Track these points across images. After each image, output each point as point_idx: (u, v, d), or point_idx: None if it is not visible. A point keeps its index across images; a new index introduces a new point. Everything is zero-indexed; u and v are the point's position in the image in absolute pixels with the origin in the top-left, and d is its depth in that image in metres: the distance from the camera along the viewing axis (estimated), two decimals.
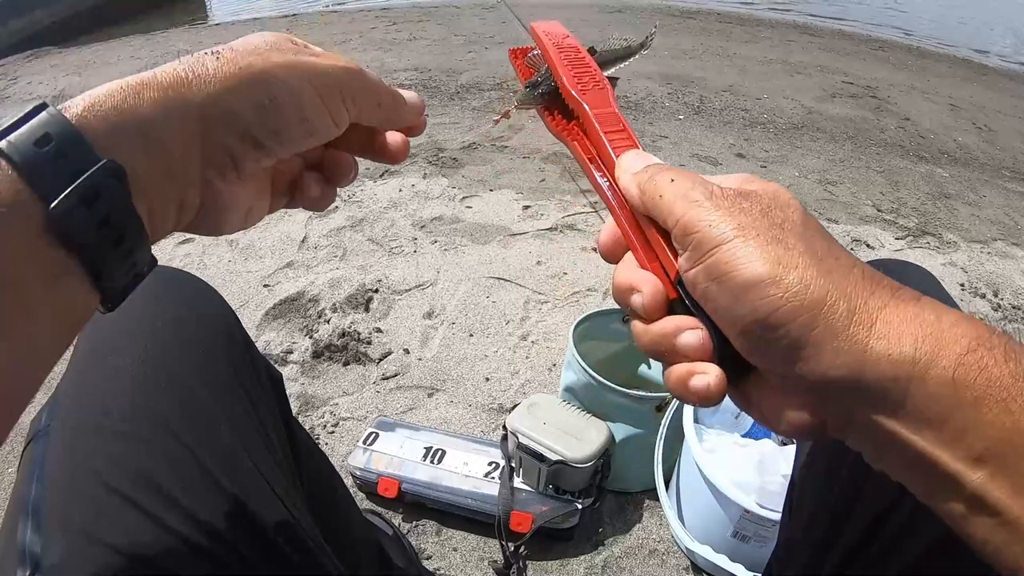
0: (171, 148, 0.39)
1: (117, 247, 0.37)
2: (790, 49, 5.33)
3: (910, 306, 0.36)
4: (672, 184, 0.42)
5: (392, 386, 1.78)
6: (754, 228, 0.38)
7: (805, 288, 0.36)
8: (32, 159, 0.33)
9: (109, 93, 0.37)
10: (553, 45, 0.60)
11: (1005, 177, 3.29)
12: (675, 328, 0.41)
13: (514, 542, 1.31)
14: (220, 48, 0.42)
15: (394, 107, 0.54)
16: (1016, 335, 1.92)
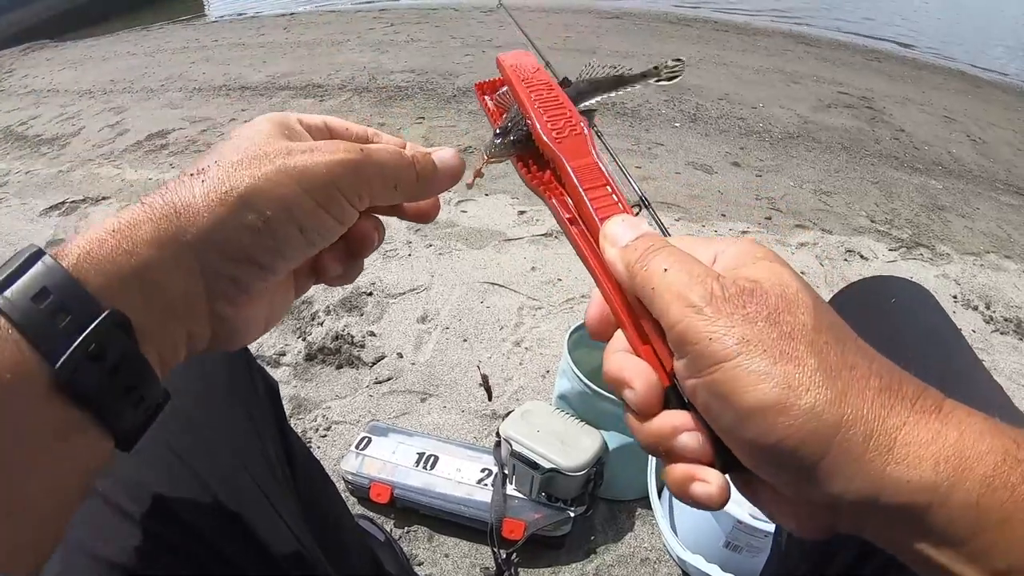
0: (173, 288, 0.38)
1: (128, 395, 0.36)
2: (787, 58, 5.35)
3: (932, 422, 0.33)
4: (666, 276, 0.38)
5: (385, 390, 1.77)
6: (760, 343, 0.35)
7: (818, 415, 0.33)
8: (32, 316, 0.32)
9: (102, 238, 0.36)
10: (522, 82, 0.55)
11: (998, 189, 3.31)
12: (672, 429, 0.39)
13: (506, 549, 1.31)
14: (205, 164, 0.40)
15: (416, 185, 0.48)
16: (1008, 347, 1.93)
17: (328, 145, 0.43)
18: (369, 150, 0.44)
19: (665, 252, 0.40)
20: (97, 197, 2.92)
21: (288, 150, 0.41)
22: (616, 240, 0.42)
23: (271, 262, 0.42)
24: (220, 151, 0.41)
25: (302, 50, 5.31)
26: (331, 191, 0.42)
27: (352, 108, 3.86)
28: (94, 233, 0.36)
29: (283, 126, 0.45)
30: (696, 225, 2.62)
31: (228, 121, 3.77)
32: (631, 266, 0.40)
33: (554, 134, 0.50)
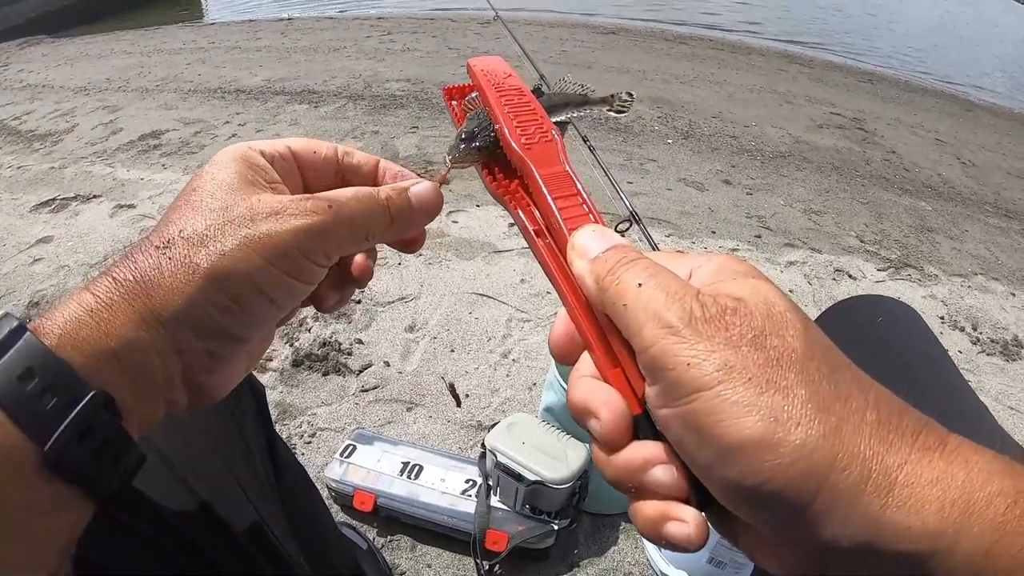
0: (151, 367, 0.38)
1: (113, 467, 0.36)
2: (780, 78, 5.38)
3: (936, 460, 0.30)
4: (639, 292, 0.34)
5: (371, 399, 1.77)
6: (744, 369, 0.31)
7: (808, 453, 0.29)
8: (18, 398, 0.33)
9: (80, 317, 0.36)
10: (492, 86, 0.52)
11: (987, 212, 3.34)
12: (643, 462, 0.35)
13: (489, 561, 1.31)
14: (171, 233, 0.39)
15: (390, 229, 0.46)
16: (994, 368, 1.94)
17: (294, 205, 0.41)
18: (337, 205, 0.42)
19: (639, 265, 0.36)
20: (88, 195, 2.91)
21: (251, 215, 0.40)
22: (585, 252, 0.39)
23: (245, 333, 0.42)
24: (183, 215, 0.40)
25: (298, 55, 5.31)
26: (298, 260, 0.41)
27: (346, 115, 3.86)
28: (70, 312, 0.36)
29: (246, 165, 0.44)
30: (686, 241, 2.63)
31: (222, 124, 3.76)
32: (601, 280, 0.37)
33: (523, 140, 0.47)
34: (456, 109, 0.58)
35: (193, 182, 0.43)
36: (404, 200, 0.47)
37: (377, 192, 0.45)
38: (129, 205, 2.82)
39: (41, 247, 2.52)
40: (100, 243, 2.53)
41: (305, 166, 0.49)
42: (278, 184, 0.45)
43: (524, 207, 0.46)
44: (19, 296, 2.22)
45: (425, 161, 3.15)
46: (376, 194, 0.45)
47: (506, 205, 0.47)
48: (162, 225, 0.40)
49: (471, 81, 0.56)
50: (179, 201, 0.42)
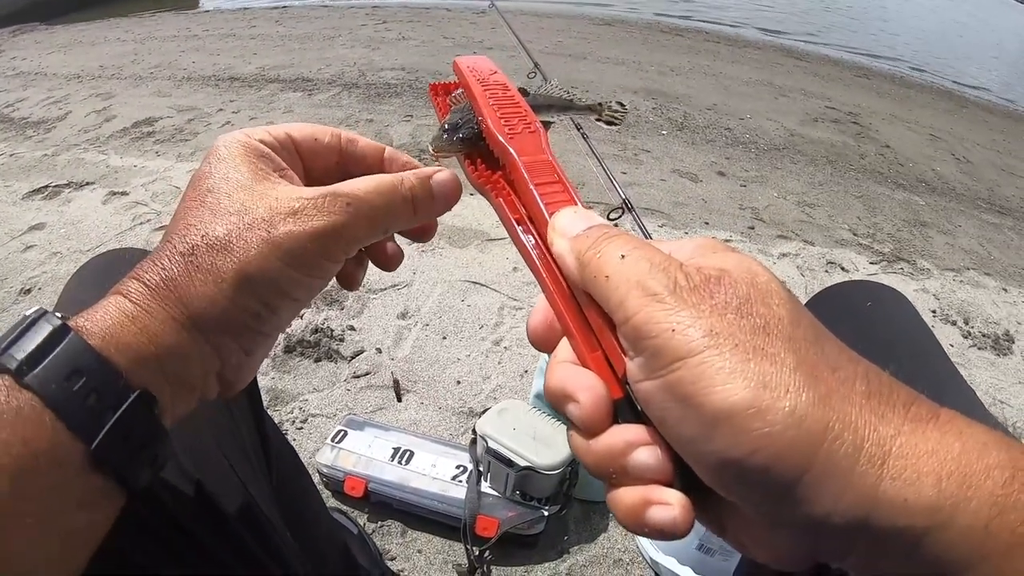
0: (190, 368, 0.40)
1: (152, 464, 0.38)
2: (776, 72, 5.38)
3: (929, 431, 0.29)
4: (622, 264, 0.34)
5: (363, 385, 1.77)
6: (731, 335, 0.30)
7: (799, 420, 0.28)
8: (66, 398, 0.34)
9: (121, 322, 0.37)
10: (477, 81, 0.53)
11: (980, 208, 3.34)
12: (624, 445, 0.33)
13: (479, 546, 1.31)
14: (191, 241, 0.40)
15: (415, 220, 0.47)
16: (985, 362, 1.95)
17: (312, 204, 0.41)
18: (356, 202, 0.43)
19: (621, 239, 0.36)
20: (81, 182, 2.90)
21: (270, 216, 0.41)
22: (566, 231, 0.38)
23: (273, 330, 0.44)
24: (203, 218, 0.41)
25: (293, 43, 5.30)
26: (317, 261, 0.42)
27: (340, 103, 3.85)
28: (111, 316, 0.37)
29: (253, 156, 0.44)
30: (679, 232, 2.63)
31: (216, 111, 3.74)
32: (582, 255, 0.36)
33: (506, 129, 0.47)
34: (441, 104, 0.58)
35: (204, 181, 0.43)
36: (428, 189, 0.47)
37: (400, 182, 0.45)
38: (122, 192, 2.81)
39: (33, 234, 2.51)
40: (93, 230, 2.52)
41: (305, 153, 0.49)
42: (285, 171, 0.46)
43: (506, 197, 0.45)
44: (11, 283, 2.21)
45: (419, 150, 3.15)
46: (399, 185, 0.45)
47: (487, 195, 0.47)
48: (181, 228, 0.41)
49: (457, 78, 0.57)
50: (193, 201, 0.42)
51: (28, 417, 0.33)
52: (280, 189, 0.42)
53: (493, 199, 0.46)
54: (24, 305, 2.09)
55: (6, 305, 2.10)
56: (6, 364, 0.34)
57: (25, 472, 0.32)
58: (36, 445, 0.32)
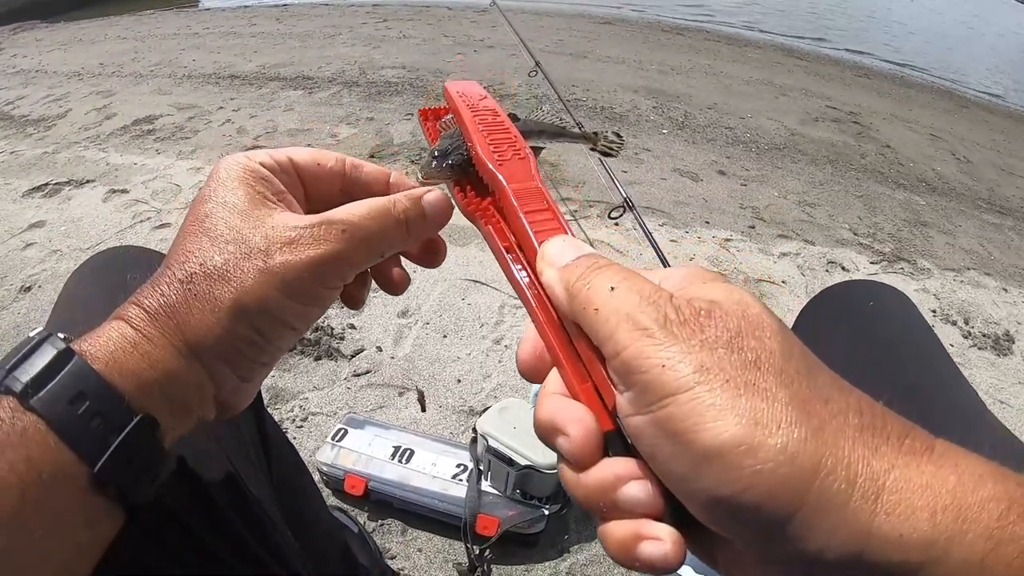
0: (189, 393, 0.40)
1: (152, 483, 0.39)
2: (776, 71, 5.38)
3: (924, 464, 0.29)
4: (612, 296, 0.34)
5: (363, 383, 1.77)
6: (721, 371, 0.30)
7: (791, 457, 0.28)
8: (70, 421, 0.35)
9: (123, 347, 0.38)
10: (467, 107, 0.52)
11: (981, 208, 3.34)
12: (615, 479, 0.33)
13: (479, 545, 1.31)
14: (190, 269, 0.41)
15: (408, 241, 0.48)
16: (985, 362, 1.95)
17: (308, 233, 0.42)
18: (351, 228, 0.43)
19: (611, 270, 0.36)
20: (81, 180, 2.90)
21: (267, 245, 0.41)
22: (555, 260, 0.38)
23: (270, 359, 0.44)
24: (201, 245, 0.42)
25: (293, 41, 5.30)
26: (314, 289, 0.43)
27: (341, 101, 3.85)
28: (114, 341, 0.38)
29: (252, 180, 0.44)
30: (679, 231, 2.63)
31: (216, 109, 3.74)
32: (571, 285, 0.36)
33: (495, 156, 0.47)
34: (431, 130, 0.58)
35: (203, 206, 0.43)
36: (420, 209, 0.47)
37: (392, 204, 0.46)
38: (122, 190, 2.81)
39: (34, 232, 2.51)
40: (93, 228, 2.52)
41: (307, 178, 0.49)
42: (284, 195, 0.46)
43: (495, 224, 0.45)
44: (11, 281, 2.21)
45: (420, 148, 3.15)
46: (391, 207, 0.46)
47: (476, 222, 0.47)
48: (180, 255, 0.42)
49: (446, 103, 0.56)
50: (192, 226, 0.43)
51: (33, 438, 0.34)
52: (276, 217, 0.43)
53: (483, 227, 0.46)
54: (24, 303, 2.09)
55: (6, 303, 2.10)
56: (11, 386, 0.35)
57: (31, 490, 0.32)
58: (41, 466, 0.33)
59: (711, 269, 0.37)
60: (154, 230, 2.47)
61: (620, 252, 2.41)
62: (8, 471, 0.32)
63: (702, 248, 2.53)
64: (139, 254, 0.77)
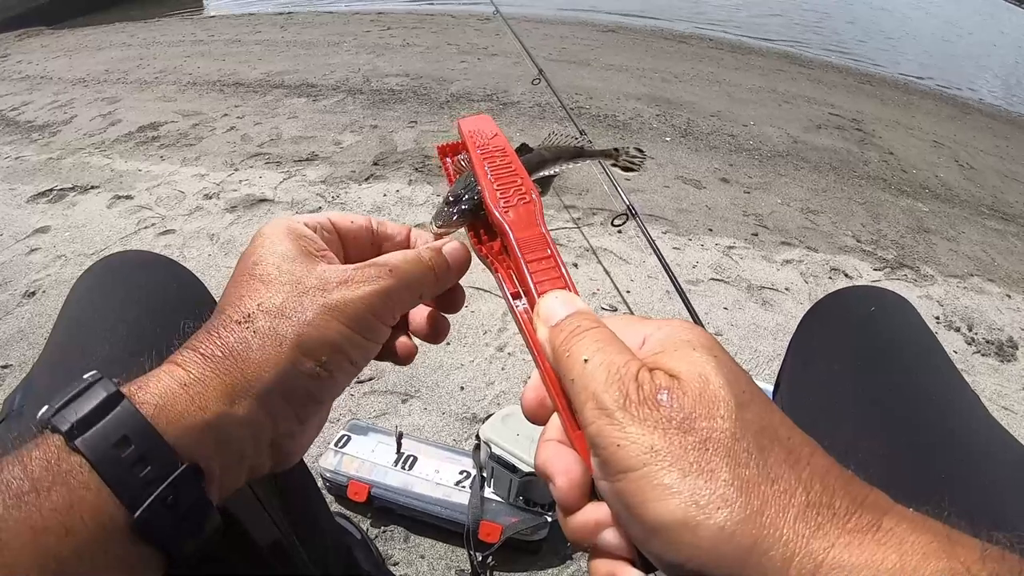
0: (242, 438, 0.41)
1: (194, 535, 0.38)
2: (779, 78, 5.38)
3: (866, 544, 0.29)
4: (584, 369, 0.36)
5: (366, 390, 1.77)
6: (670, 453, 0.32)
7: (728, 537, 0.29)
8: (113, 465, 0.35)
9: (174, 390, 0.38)
10: (477, 148, 0.55)
11: (984, 214, 3.34)
12: (595, 525, 0.36)
13: (482, 552, 1.31)
14: (248, 308, 0.42)
15: (438, 287, 0.52)
16: (989, 369, 1.95)
17: (359, 273, 0.45)
18: (397, 270, 0.47)
19: (589, 337, 0.38)
20: (86, 186, 2.91)
21: (323, 284, 0.44)
22: (548, 318, 0.41)
23: (328, 396, 0.46)
24: (254, 288, 0.43)
25: (298, 49, 5.31)
26: (371, 322, 0.45)
27: (345, 109, 3.86)
28: (164, 384, 0.39)
29: (298, 237, 0.47)
30: (683, 238, 2.64)
31: (220, 116, 3.75)
32: (556, 349, 0.39)
33: (502, 204, 0.50)
34: (450, 168, 0.61)
35: (251, 257, 0.46)
36: (443, 259, 0.51)
37: (419, 254, 0.50)
38: (127, 196, 2.81)
39: (38, 237, 2.52)
40: (97, 234, 2.53)
41: (344, 235, 0.52)
42: (326, 252, 0.48)
43: (505, 270, 0.49)
44: (16, 286, 2.22)
45: (423, 156, 3.15)
46: (421, 256, 0.50)
47: (490, 267, 0.50)
48: (234, 300, 0.43)
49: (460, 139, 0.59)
50: (242, 276, 0.45)
51: (76, 480, 0.34)
52: (324, 265, 0.46)
53: (496, 273, 0.50)
54: (29, 308, 2.10)
55: (10, 308, 2.11)
56: (58, 425, 0.35)
57: (71, 534, 0.33)
58: (82, 509, 0.33)
59: (694, 327, 0.39)
60: (158, 236, 2.47)
61: (624, 260, 2.41)
62: (50, 512, 0.32)
63: (705, 255, 2.53)
64: (145, 259, 0.78)
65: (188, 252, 2.34)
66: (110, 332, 0.64)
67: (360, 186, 2.88)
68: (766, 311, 2.24)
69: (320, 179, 2.96)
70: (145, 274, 0.73)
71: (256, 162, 3.14)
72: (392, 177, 2.96)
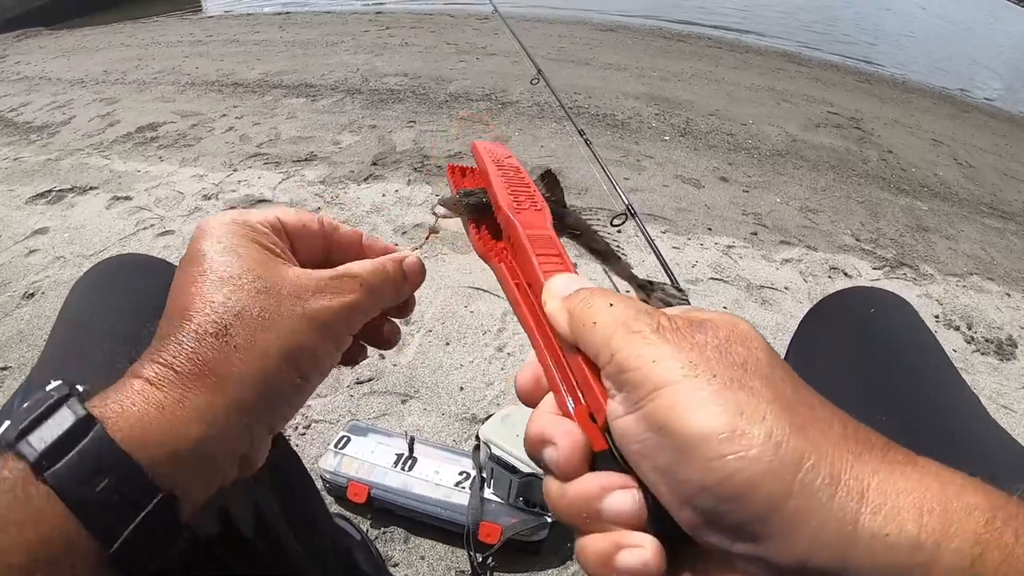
0: (219, 456, 0.39)
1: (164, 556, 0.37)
2: (778, 77, 5.38)
3: (908, 472, 0.28)
4: (610, 310, 0.35)
5: (366, 391, 1.77)
6: (708, 367, 0.31)
7: (775, 446, 0.28)
8: (85, 497, 0.33)
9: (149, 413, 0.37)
10: (492, 162, 0.56)
11: (983, 213, 3.34)
12: (600, 488, 0.33)
13: (482, 553, 1.31)
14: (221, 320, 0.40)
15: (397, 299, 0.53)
16: (988, 367, 1.95)
17: (333, 284, 0.46)
18: (367, 284, 0.47)
19: (610, 294, 0.37)
20: (85, 187, 2.91)
21: (298, 291, 0.43)
22: (559, 293, 0.40)
23: (301, 404, 0.45)
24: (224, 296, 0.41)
25: (296, 49, 5.31)
26: (341, 333, 0.46)
27: (343, 109, 3.86)
28: (137, 406, 0.37)
29: (257, 237, 0.46)
30: (682, 238, 2.63)
31: (219, 117, 3.75)
32: (573, 308, 0.37)
33: (514, 204, 0.51)
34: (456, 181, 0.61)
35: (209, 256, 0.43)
36: (400, 272, 0.52)
37: (385, 267, 0.50)
38: (125, 197, 2.81)
39: (37, 238, 2.52)
40: (96, 235, 2.52)
41: (293, 236, 0.50)
42: (284, 251, 0.48)
43: (507, 262, 0.49)
44: (14, 287, 2.21)
45: (422, 156, 3.15)
46: (384, 267, 0.50)
47: (488, 259, 0.51)
48: (201, 306, 0.41)
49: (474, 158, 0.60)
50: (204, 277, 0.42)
51: (46, 514, 0.33)
52: (294, 269, 0.45)
53: (495, 264, 0.50)
54: (27, 310, 2.10)
55: (9, 310, 2.10)
56: (24, 452, 0.34)
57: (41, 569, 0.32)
58: (53, 545, 0.32)
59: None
60: (157, 237, 2.47)
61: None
62: (18, 548, 0.31)
63: (704, 255, 2.53)
64: (144, 262, 0.78)
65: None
66: (108, 336, 0.64)
67: (359, 186, 2.88)
68: (765, 310, 2.24)
69: (319, 179, 2.96)
70: (143, 277, 0.73)
71: (255, 162, 3.14)
72: (391, 177, 2.96)
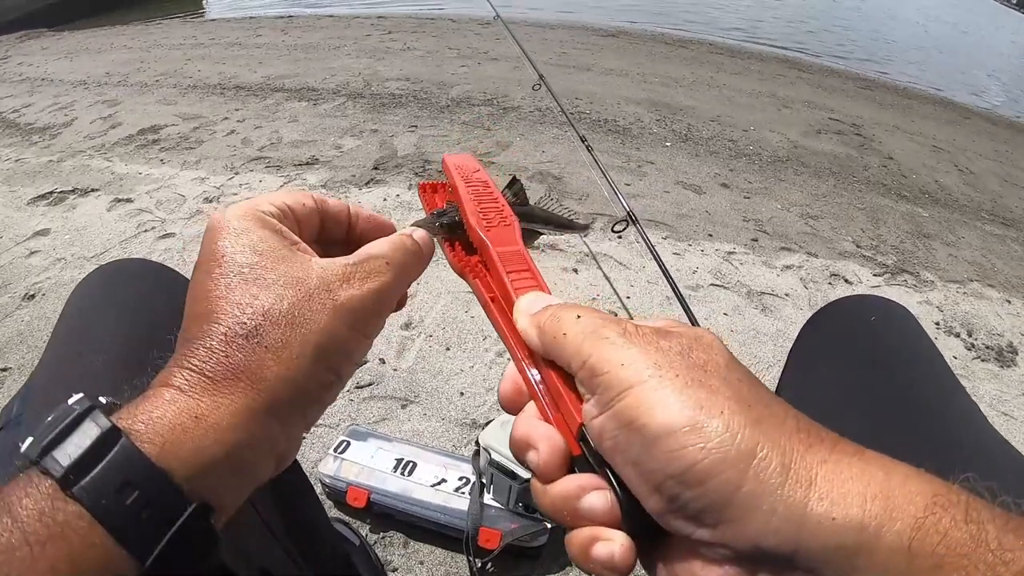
0: (256, 461, 0.39)
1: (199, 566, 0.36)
2: (779, 83, 5.39)
3: (854, 462, 0.31)
4: (579, 321, 0.38)
5: (366, 395, 1.77)
6: (672, 368, 0.34)
7: (732, 438, 0.31)
8: (117, 513, 0.32)
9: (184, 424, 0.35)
10: (462, 179, 0.58)
11: (983, 219, 3.34)
12: (577, 489, 0.36)
13: (481, 558, 1.31)
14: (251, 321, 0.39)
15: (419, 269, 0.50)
16: (989, 374, 1.94)
17: (359, 269, 0.44)
18: (394, 262, 0.46)
19: (578, 307, 0.40)
20: (86, 188, 2.91)
21: (325, 284, 0.42)
22: (528, 309, 0.42)
23: (334, 398, 0.44)
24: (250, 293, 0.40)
25: (298, 53, 5.32)
26: (373, 320, 0.44)
27: (345, 113, 3.86)
28: (168, 416, 0.36)
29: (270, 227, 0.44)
30: (683, 244, 2.63)
31: (221, 120, 3.76)
32: (544, 324, 0.40)
33: (484, 222, 0.52)
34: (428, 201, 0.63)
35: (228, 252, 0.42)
36: (417, 244, 0.50)
37: (403, 241, 0.49)
38: (127, 199, 2.82)
39: (38, 240, 2.52)
40: (97, 237, 2.53)
41: (300, 220, 0.49)
42: (300, 242, 0.46)
43: (482, 278, 0.51)
44: (15, 288, 2.22)
45: (423, 160, 3.16)
46: (404, 243, 0.49)
47: (464, 275, 0.52)
48: (228, 307, 0.40)
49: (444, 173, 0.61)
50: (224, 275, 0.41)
51: (76, 531, 0.31)
52: (317, 260, 0.44)
53: (470, 280, 0.51)
54: (28, 311, 2.10)
55: (10, 311, 2.11)
56: (49, 468, 0.32)
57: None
58: (85, 565, 0.31)
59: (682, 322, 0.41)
60: (158, 240, 2.47)
61: (624, 265, 2.41)
62: (49, 566, 0.30)
63: (705, 261, 2.53)
64: (143, 267, 0.78)
65: (188, 256, 2.33)
66: (107, 342, 0.64)
67: (360, 190, 2.88)
68: (766, 317, 2.24)
69: (320, 183, 2.96)
70: (142, 283, 0.73)
71: (256, 166, 3.15)
72: (392, 181, 2.96)
